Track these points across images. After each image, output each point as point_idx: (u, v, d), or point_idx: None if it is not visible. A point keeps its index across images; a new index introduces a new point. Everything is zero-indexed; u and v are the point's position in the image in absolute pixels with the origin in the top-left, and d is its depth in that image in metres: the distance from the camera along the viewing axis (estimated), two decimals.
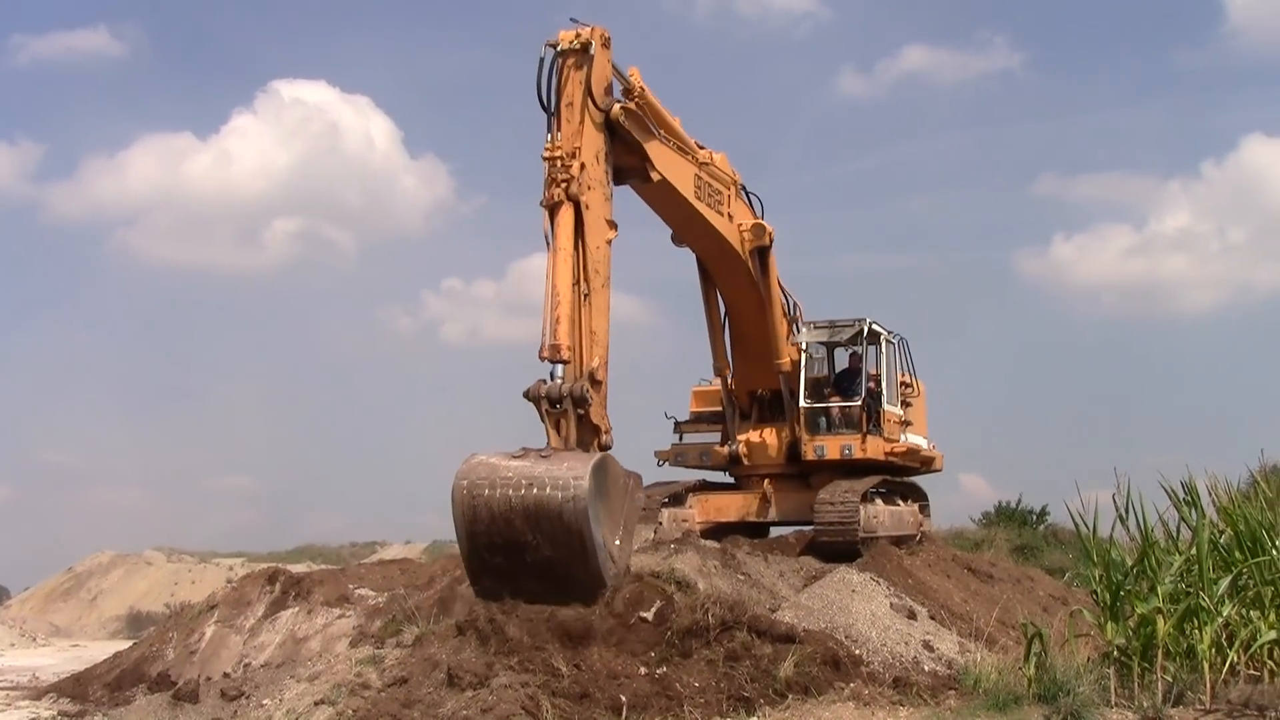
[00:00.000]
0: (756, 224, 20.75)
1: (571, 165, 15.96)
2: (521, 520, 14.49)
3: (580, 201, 15.98)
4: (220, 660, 18.73)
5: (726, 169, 19.97)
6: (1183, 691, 12.82)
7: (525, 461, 14.81)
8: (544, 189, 16.10)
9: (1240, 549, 13.89)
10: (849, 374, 23.26)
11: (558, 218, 15.95)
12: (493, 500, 14.58)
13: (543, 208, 16.10)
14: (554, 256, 15.80)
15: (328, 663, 15.51)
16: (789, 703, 13.67)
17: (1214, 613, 13.01)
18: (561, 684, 13.35)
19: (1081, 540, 14.76)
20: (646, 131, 17.46)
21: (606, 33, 16.52)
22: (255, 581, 21.19)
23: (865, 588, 17.74)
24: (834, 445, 22.06)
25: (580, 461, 14.77)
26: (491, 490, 14.60)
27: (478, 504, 14.65)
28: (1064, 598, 22.10)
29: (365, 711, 13.20)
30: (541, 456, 14.88)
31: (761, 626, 14.93)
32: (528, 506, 14.43)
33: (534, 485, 14.44)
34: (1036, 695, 13.09)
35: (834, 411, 22.56)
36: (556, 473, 14.53)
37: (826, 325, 23.14)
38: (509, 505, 14.51)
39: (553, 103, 16.21)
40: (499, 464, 14.83)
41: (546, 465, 14.68)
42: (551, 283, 15.70)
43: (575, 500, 14.32)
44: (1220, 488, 15.25)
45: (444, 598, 18.41)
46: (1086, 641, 14.49)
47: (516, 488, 14.51)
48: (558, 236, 15.87)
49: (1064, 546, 32.49)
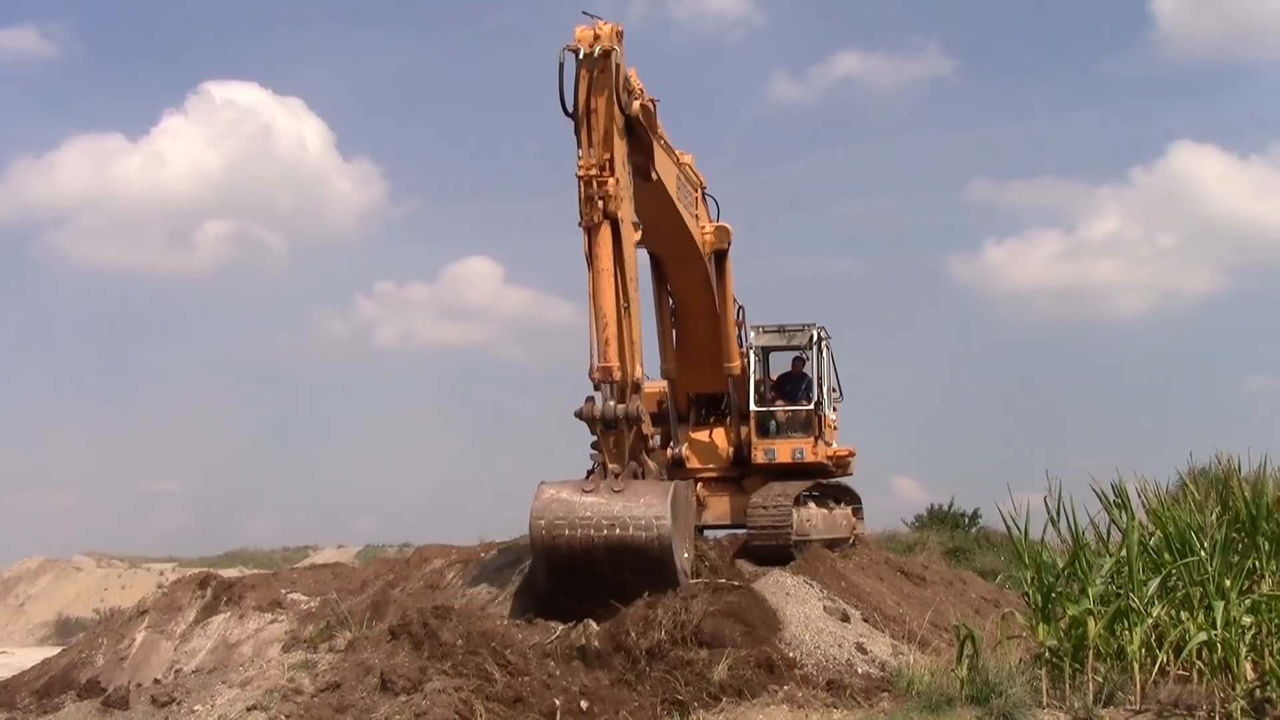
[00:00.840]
0: (720, 227, 20.77)
1: (607, 182, 15.88)
2: (603, 556, 15.39)
3: (618, 219, 16.06)
4: (151, 666, 18.54)
5: (695, 170, 19.97)
6: (1113, 692, 12.92)
7: (600, 498, 15.53)
8: (581, 208, 16.06)
9: (1170, 551, 14.00)
10: (793, 378, 23.24)
11: (598, 237, 16.04)
12: (573, 540, 15.41)
13: (581, 229, 16.15)
14: (597, 278, 16.05)
15: (260, 668, 15.38)
16: (723, 706, 13.68)
17: (1144, 614, 13.11)
18: (495, 689, 13.31)
19: (1013, 543, 14.83)
20: (654, 130, 17.33)
21: (620, 27, 16.18)
22: (186, 586, 21.00)
23: (799, 591, 17.74)
24: (785, 449, 22.06)
25: (657, 497, 15.52)
26: (572, 530, 15.40)
27: (558, 543, 15.48)
28: (996, 600, 22.21)
29: (298, 717, 13.12)
30: (615, 491, 15.56)
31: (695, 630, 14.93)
32: (611, 546, 15.31)
33: (615, 525, 15.28)
34: (969, 697, 13.16)
35: (781, 415, 22.54)
36: (636, 511, 15.38)
37: (776, 329, 23.15)
38: (590, 544, 15.38)
39: (576, 111, 15.94)
40: (574, 501, 15.55)
41: (624, 502, 15.44)
42: (597, 304, 16.04)
43: (660, 540, 15.28)
44: (1150, 490, 15.37)
45: (377, 602, 18.33)
46: (1018, 643, 14.56)
47: (598, 528, 15.37)
48: (599, 257, 16.04)
49: (996, 549, 32.62)
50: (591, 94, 15.94)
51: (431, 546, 21.31)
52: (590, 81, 15.92)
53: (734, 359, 22.01)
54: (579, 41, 15.89)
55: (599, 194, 15.85)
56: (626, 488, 15.64)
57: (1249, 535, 13.84)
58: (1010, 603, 19.35)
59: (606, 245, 16.01)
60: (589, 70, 15.90)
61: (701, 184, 20.39)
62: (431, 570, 19.77)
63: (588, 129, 15.97)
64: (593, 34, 15.90)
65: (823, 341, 22.97)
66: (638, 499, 15.45)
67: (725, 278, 21.24)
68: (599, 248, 16.01)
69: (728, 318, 21.64)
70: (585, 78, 15.90)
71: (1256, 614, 13.16)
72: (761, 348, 23.21)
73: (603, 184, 15.84)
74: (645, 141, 17.01)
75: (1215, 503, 14.76)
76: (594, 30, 15.91)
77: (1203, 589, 13.29)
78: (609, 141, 15.98)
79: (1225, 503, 14.57)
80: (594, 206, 15.91)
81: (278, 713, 13.35)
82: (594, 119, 15.96)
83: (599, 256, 16.01)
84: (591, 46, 15.85)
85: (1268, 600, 13.28)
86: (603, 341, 15.99)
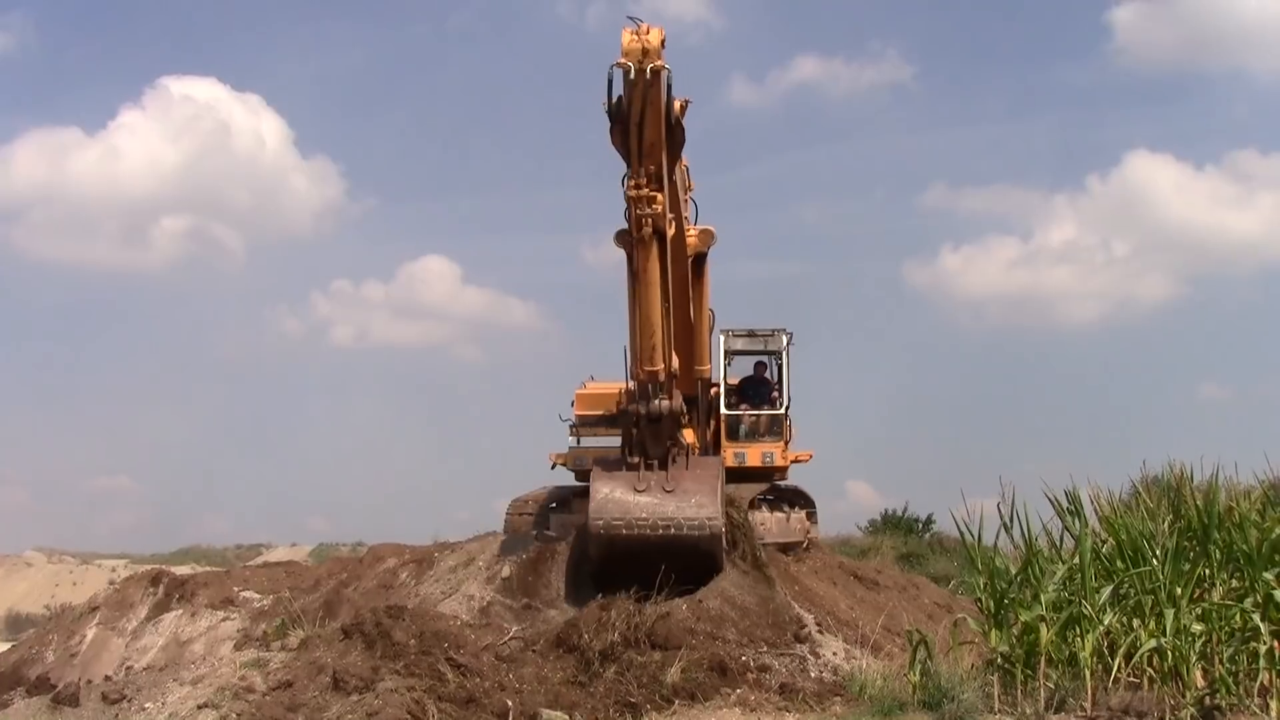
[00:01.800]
0: (705, 230, 20.19)
1: (656, 200, 15.76)
2: (658, 553, 16.41)
3: (665, 234, 16.21)
4: (102, 663, 18.48)
5: (688, 174, 19.48)
6: (1065, 698, 13.00)
7: (654, 498, 16.76)
8: (630, 225, 16.08)
9: (1122, 558, 14.08)
10: (757, 381, 23.18)
11: (649, 253, 16.22)
12: (631, 539, 16.73)
13: (621, 243, 16.65)
14: (646, 291, 16.44)
15: (212, 666, 15.32)
16: (676, 708, 13.69)
17: (1096, 621, 13.18)
18: (448, 689, 13.29)
19: (966, 548, 14.88)
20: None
21: (664, 34, 15.26)
22: (138, 583, 20.93)
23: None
24: (755, 452, 22.00)
25: (707, 496, 16.84)
26: (629, 530, 16.72)
27: (615, 542, 16.77)
28: (949, 605, 22.23)
29: (249, 715, 13.08)
30: (666, 491, 16.76)
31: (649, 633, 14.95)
32: (666, 544, 16.51)
33: (670, 526, 16.58)
34: (921, 702, 13.21)
35: (750, 419, 22.45)
36: (689, 512, 16.73)
37: (745, 333, 23.03)
38: (646, 543, 16.65)
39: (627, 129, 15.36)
40: (629, 501, 16.77)
41: (676, 503, 16.71)
42: (644, 313, 16.53)
43: (713, 539, 16.80)
44: (1103, 498, 15.47)
45: (330, 601, 18.29)
46: (971, 649, 14.62)
47: (654, 528, 16.65)
48: (647, 270, 16.31)
49: (949, 554, 32.72)
50: (643, 111, 15.29)
51: (385, 546, 21.30)
52: (643, 99, 15.14)
53: (705, 362, 21.67)
54: (627, 56, 14.98)
55: (649, 212, 15.81)
56: (677, 486, 16.84)
57: (1200, 544, 13.93)
58: (963, 608, 19.35)
59: (655, 260, 16.22)
60: (641, 88, 15.05)
61: (690, 186, 19.89)
62: (385, 570, 19.76)
63: (638, 144, 15.52)
64: (641, 48, 14.98)
65: (790, 346, 22.80)
66: (689, 499, 16.70)
67: (703, 281, 20.86)
68: (648, 262, 16.22)
69: (703, 322, 21.26)
70: (638, 98, 15.10)
71: (1207, 622, 13.24)
72: (731, 352, 23.05)
73: (651, 200, 15.74)
74: (679, 142, 16.61)
75: (1167, 511, 14.85)
76: (642, 44, 14.99)
77: (1154, 597, 13.38)
78: (655, 155, 15.69)
79: (1177, 511, 14.66)
80: (644, 224, 15.91)
81: (229, 711, 13.30)
82: (639, 131, 15.47)
83: (647, 270, 16.26)
84: (641, 62, 14.97)
85: (1218, 608, 13.37)
86: (649, 348, 16.51)
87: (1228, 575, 13.89)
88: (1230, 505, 14.38)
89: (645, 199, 15.75)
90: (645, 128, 15.43)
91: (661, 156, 15.73)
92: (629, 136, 15.44)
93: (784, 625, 16.35)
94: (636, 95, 15.05)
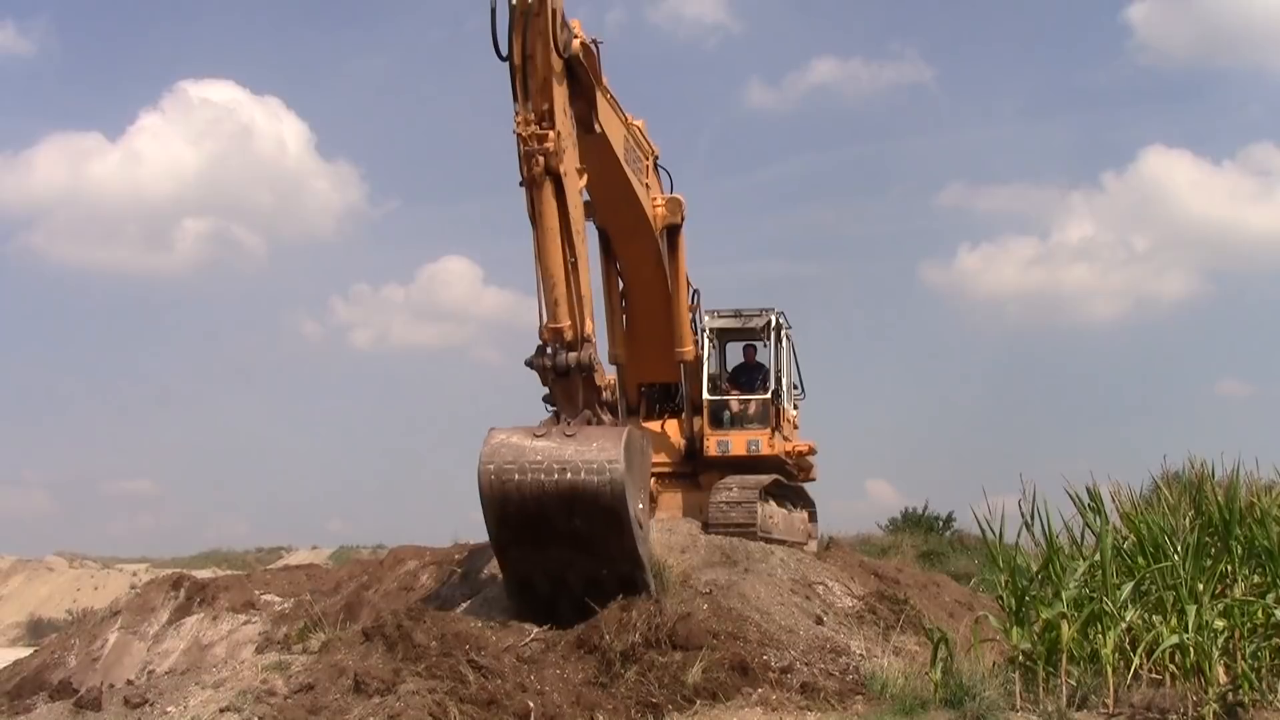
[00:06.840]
0: (673, 199, 19.96)
1: (547, 136, 14.87)
2: (555, 503, 14.66)
3: (560, 173, 15.11)
4: (123, 667, 18.49)
5: (647, 137, 19.13)
6: (1086, 695, 12.99)
7: (551, 442, 14.92)
8: (521, 165, 15.07)
9: (1143, 555, 14.08)
10: (747, 368, 22.69)
11: (541, 195, 15.10)
12: (523, 485, 14.69)
13: (523, 187, 15.25)
14: (543, 237, 15.22)
15: (233, 669, 15.31)
16: (697, 708, 13.67)
17: (1117, 617, 13.16)
18: (469, 691, 13.28)
19: (987, 546, 14.87)
20: (597, 75, 16.47)
21: None
22: (159, 587, 20.95)
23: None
24: (740, 440, 21.31)
25: (610, 441, 14.92)
26: (521, 475, 14.71)
27: (507, 489, 14.75)
28: (970, 603, 22.21)
29: (271, 718, 13.06)
30: (567, 435, 14.98)
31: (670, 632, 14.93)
32: (562, 491, 14.63)
33: (566, 469, 14.62)
34: (943, 700, 13.19)
35: (735, 405, 21.83)
36: (589, 455, 14.71)
37: (732, 314, 22.42)
38: (541, 489, 14.67)
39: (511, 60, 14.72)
40: (524, 445, 14.93)
41: (575, 446, 14.84)
42: (544, 264, 15.29)
43: (613, 484, 14.60)
44: (1123, 494, 15.47)
45: (350, 603, 18.31)
46: (992, 646, 14.60)
47: (549, 472, 14.68)
48: (544, 215, 15.15)
49: (970, 552, 32.70)
50: (526, 40, 14.74)
51: (405, 548, 21.28)
52: (525, 27, 14.62)
53: (686, 344, 21.12)
54: None
55: (539, 149, 14.90)
56: (579, 432, 15.07)
57: (1222, 539, 13.90)
58: (984, 606, 19.36)
59: (550, 203, 15.14)
60: (523, 15, 14.54)
61: (654, 152, 19.50)
62: (405, 572, 19.75)
63: (524, 79, 14.89)
64: None
65: (782, 329, 22.24)
66: (590, 443, 14.86)
67: (678, 255, 20.42)
68: (543, 205, 15.13)
69: (680, 299, 20.77)
70: (519, 23, 14.58)
71: (1229, 618, 13.23)
72: (716, 331, 22.44)
73: (542, 138, 14.88)
74: (586, 85, 16.18)
75: (1188, 507, 14.84)
76: None
77: (1176, 593, 13.36)
78: (546, 90, 14.92)
79: (1198, 507, 14.64)
80: (534, 163, 14.95)
81: (251, 714, 13.30)
82: (530, 66, 14.83)
83: (543, 215, 15.16)
84: None
85: (1240, 604, 13.35)
86: (551, 302, 15.30)
87: (1249, 571, 13.89)
88: (1251, 501, 14.37)
89: (534, 136, 14.87)
90: (535, 62, 14.86)
91: (553, 93, 15.01)
92: (514, 73, 14.83)
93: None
94: (518, 20, 14.55)
